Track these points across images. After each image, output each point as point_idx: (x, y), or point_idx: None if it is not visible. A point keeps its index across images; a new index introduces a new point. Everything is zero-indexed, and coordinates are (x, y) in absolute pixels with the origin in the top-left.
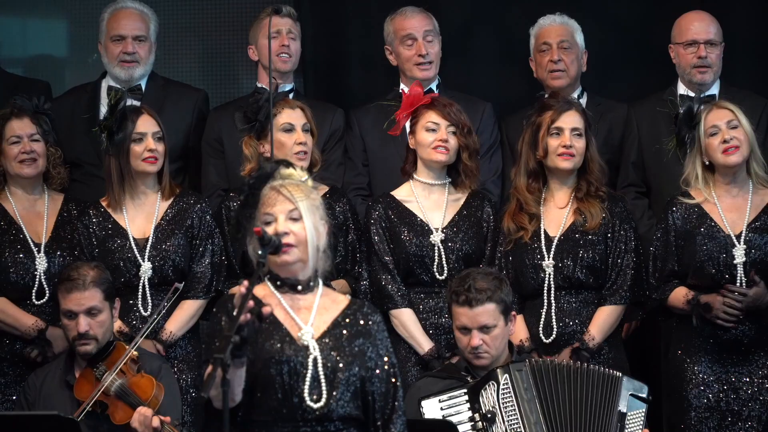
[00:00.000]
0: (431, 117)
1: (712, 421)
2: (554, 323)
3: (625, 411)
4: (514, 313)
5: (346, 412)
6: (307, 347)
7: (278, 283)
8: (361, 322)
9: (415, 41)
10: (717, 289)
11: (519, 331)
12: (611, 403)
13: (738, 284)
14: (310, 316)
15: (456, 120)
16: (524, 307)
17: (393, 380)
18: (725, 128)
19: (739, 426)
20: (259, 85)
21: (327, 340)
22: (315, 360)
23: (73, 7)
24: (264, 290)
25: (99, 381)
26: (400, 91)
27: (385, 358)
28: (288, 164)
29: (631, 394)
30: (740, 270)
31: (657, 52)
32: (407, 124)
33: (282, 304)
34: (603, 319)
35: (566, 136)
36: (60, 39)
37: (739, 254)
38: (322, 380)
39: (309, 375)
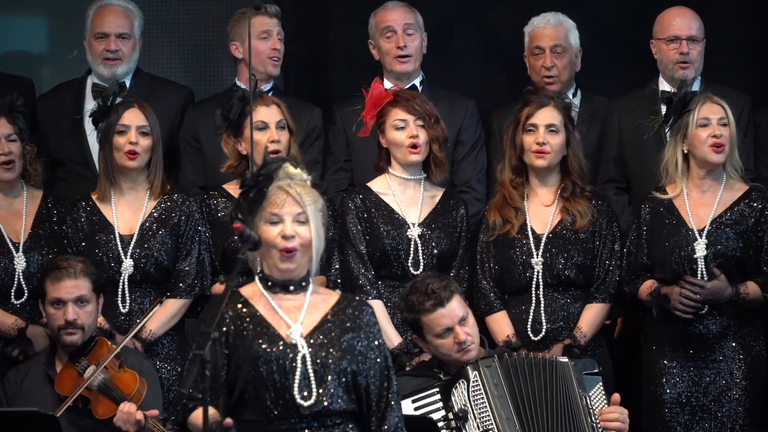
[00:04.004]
0: (398, 114)
1: (683, 417)
2: (543, 320)
3: (585, 391)
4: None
5: (340, 407)
6: (295, 345)
7: (269, 283)
8: (351, 316)
9: (395, 33)
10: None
11: (503, 327)
12: (571, 388)
13: (699, 278)
14: (300, 314)
15: (422, 112)
16: (507, 303)
17: (386, 372)
18: (716, 124)
19: (710, 423)
20: (238, 83)
21: (316, 337)
22: (304, 357)
23: (53, 4)
24: (252, 289)
25: (81, 375)
26: (362, 90)
27: (377, 351)
28: (294, 163)
29: (585, 374)
30: (701, 264)
31: (645, 52)
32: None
33: (270, 304)
34: (592, 317)
35: (540, 133)
36: (39, 35)
37: (700, 248)
38: (312, 378)
39: (298, 372)
